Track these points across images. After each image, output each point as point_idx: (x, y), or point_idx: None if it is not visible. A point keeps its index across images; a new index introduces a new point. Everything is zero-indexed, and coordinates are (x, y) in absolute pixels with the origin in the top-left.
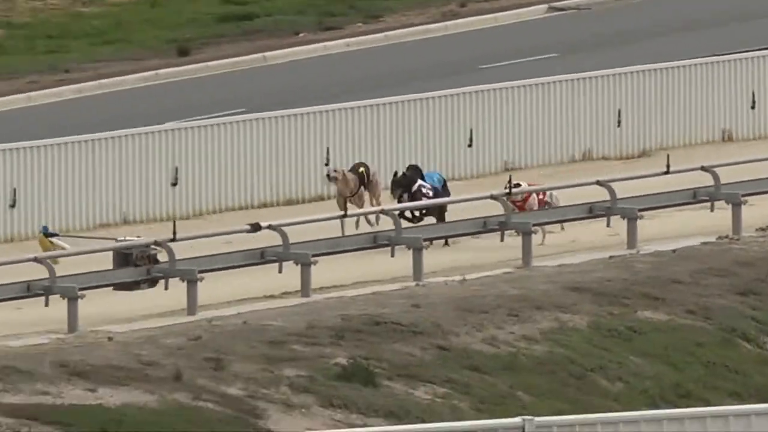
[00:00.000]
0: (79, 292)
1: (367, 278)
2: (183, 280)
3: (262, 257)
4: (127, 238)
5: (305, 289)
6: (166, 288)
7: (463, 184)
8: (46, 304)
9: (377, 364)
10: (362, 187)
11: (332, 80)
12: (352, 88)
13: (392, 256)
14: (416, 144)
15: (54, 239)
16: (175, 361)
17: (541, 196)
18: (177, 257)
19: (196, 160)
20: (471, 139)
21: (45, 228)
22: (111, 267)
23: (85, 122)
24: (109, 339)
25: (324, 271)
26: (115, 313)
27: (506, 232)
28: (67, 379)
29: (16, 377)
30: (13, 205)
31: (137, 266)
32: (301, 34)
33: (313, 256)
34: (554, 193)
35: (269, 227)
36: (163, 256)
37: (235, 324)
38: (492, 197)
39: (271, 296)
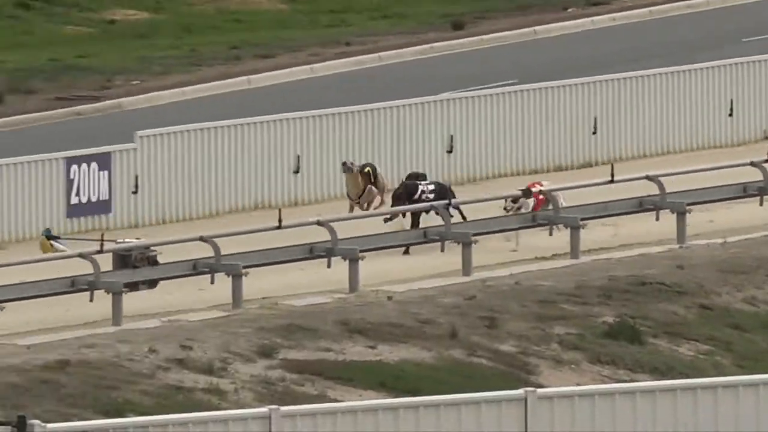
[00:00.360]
0: (360, 254)
1: (632, 240)
2: (458, 243)
3: (533, 221)
4: (126, 240)
5: (574, 251)
6: (442, 250)
7: (722, 151)
8: (329, 266)
9: (643, 322)
10: (371, 186)
11: (598, 53)
12: (617, 60)
13: (657, 219)
14: (679, 113)
15: (54, 242)
16: (451, 319)
17: (540, 197)
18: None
19: (470, 129)
20: (731, 109)
21: (48, 231)
22: (110, 267)
23: (364, 93)
24: (389, 298)
25: (591, 234)
26: (394, 274)
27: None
28: (348, 337)
29: (301, 335)
30: (296, 171)
31: (136, 267)
32: (569, 9)
33: (582, 219)
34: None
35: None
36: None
37: (507, 284)
38: (751, 164)
39: (542, 258)
